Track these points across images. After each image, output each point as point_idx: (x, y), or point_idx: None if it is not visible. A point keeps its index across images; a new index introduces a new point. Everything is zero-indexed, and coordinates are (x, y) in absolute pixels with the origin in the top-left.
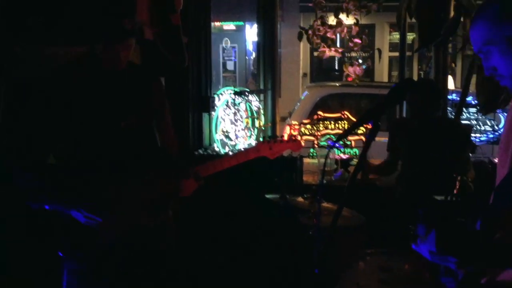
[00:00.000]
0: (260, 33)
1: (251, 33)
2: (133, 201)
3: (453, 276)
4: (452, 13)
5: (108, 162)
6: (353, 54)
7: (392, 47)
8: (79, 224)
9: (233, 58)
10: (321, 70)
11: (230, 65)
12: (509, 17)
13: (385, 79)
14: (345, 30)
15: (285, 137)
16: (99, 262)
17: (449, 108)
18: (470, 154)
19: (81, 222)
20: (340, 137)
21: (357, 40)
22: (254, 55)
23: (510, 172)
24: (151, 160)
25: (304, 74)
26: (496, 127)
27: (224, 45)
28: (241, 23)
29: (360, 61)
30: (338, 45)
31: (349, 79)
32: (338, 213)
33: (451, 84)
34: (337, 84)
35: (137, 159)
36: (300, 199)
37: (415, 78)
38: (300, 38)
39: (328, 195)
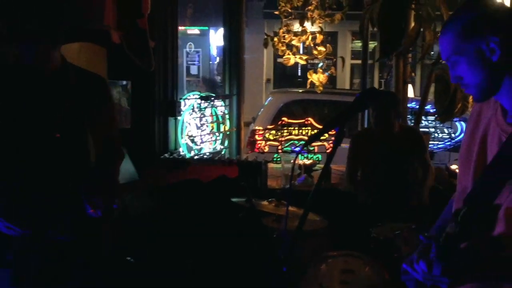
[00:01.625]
0: (226, 38)
1: (216, 38)
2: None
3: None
4: (412, 24)
5: (36, 171)
6: (317, 61)
7: (354, 54)
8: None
9: (196, 62)
10: (284, 76)
11: (193, 70)
12: (479, 30)
13: (347, 86)
14: (310, 38)
15: (242, 144)
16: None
17: (408, 116)
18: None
19: (3, 231)
20: (306, 143)
21: (322, 48)
22: (218, 59)
23: (477, 183)
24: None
25: (268, 80)
26: (453, 135)
27: (188, 49)
28: (205, 28)
29: (324, 68)
30: (302, 52)
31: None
32: (305, 216)
33: (410, 92)
34: (300, 91)
35: (62, 169)
36: (265, 202)
37: (376, 85)
38: (266, 44)
39: (292, 199)
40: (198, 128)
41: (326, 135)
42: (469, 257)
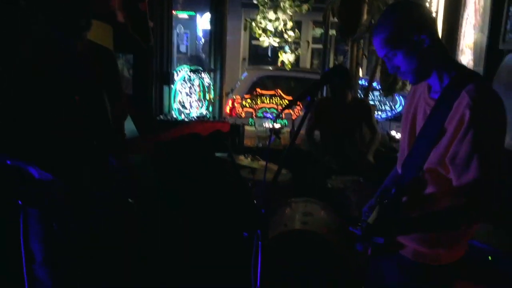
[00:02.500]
0: (212, 22)
1: (201, 22)
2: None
3: (359, 228)
4: (365, 16)
5: (63, 131)
6: (286, 44)
7: (314, 40)
8: (34, 178)
9: (185, 42)
10: (258, 56)
11: (183, 48)
12: (414, 24)
13: (308, 66)
14: (282, 23)
15: (227, 110)
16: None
17: (359, 91)
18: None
19: (36, 177)
20: (282, 109)
21: (291, 33)
22: (203, 40)
23: (411, 151)
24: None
25: (244, 59)
26: (393, 107)
27: (178, 30)
28: (193, 13)
29: (292, 50)
30: (274, 36)
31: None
32: (279, 171)
33: (361, 72)
34: (271, 68)
35: (86, 128)
36: (241, 157)
37: (332, 65)
38: (245, 28)
39: (263, 156)
40: (187, 95)
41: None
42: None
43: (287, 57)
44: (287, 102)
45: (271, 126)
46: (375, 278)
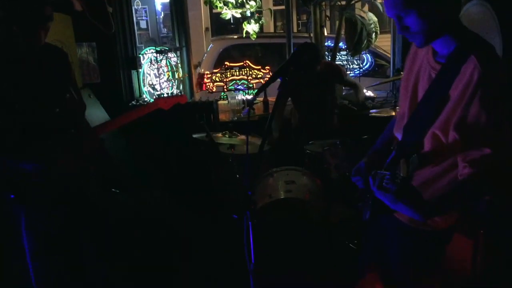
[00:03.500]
0: None
1: None
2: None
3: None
4: None
5: (46, 126)
6: (248, 14)
7: (275, 1)
8: (28, 171)
9: (144, 17)
10: (220, 25)
11: (143, 24)
12: None
13: (272, 30)
14: None
15: (194, 86)
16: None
17: (326, 53)
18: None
19: (29, 169)
20: (258, 91)
21: (253, 2)
22: (162, 14)
23: (413, 115)
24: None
25: (207, 29)
26: (361, 65)
27: (136, 6)
28: None
29: (255, 19)
30: (235, 6)
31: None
32: (263, 144)
33: (325, 32)
34: (235, 37)
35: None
36: (219, 135)
37: (295, 27)
38: (206, 3)
39: (240, 129)
40: (156, 77)
41: (261, 74)
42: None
43: (251, 27)
44: (256, 72)
45: (243, 98)
46: (374, 240)
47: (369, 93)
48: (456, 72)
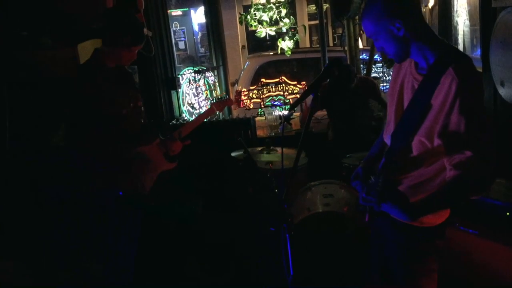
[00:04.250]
0: (207, 15)
1: (196, 16)
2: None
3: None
4: None
5: (127, 135)
6: (284, 30)
7: (310, 16)
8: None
9: (182, 38)
10: (256, 42)
11: (181, 45)
12: (386, 16)
13: (308, 44)
14: (276, 12)
15: (232, 101)
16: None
17: (362, 65)
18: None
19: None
20: (291, 106)
21: (287, 20)
22: (200, 34)
23: (399, 123)
24: (148, 132)
25: (243, 47)
26: None
27: (174, 28)
28: (186, 9)
29: (289, 36)
30: (270, 23)
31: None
32: (298, 156)
33: (361, 44)
34: (271, 53)
35: (142, 131)
36: (258, 149)
37: (331, 41)
38: (241, 22)
39: (277, 144)
40: (195, 96)
41: (297, 89)
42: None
43: (285, 44)
44: (292, 88)
45: (280, 113)
46: (376, 238)
47: None
48: (436, 83)
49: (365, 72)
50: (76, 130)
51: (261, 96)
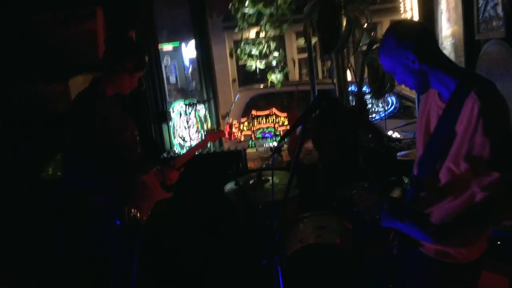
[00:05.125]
0: (198, 49)
1: (186, 50)
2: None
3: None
4: (344, 27)
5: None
6: (273, 63)
7: (299, 50)
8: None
9: (173, 72)
10: (246, 75)
11: (172, 79)
12: (399, 52)
13: (297, 78)
14: (266, 46)
15: (225, 133)
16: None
17: (350, 97)
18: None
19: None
20: (281, 138)
21: (276, 53)
22: (190, 68)
23: (424, 150)
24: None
25: (234, 80)
26: (386, 108)
27: (165, 63)
28: (177, 43)
29: (279, 69)
30: (259, 57)
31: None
32: (290, 183)
33: (349, 77)
34: (261, 86)
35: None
36: (251, 181)
37: (320, 73)
38: (231, 55)
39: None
40: (186, 129)
41: (287, 120)
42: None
43: (275, 77)
44: (283, 119)
45: (271, 145)
46: (403, 275)
47: (395, 135)
48: (459, 108)
49: (353, 103)
50: (79, 159)
51: (252, 128)
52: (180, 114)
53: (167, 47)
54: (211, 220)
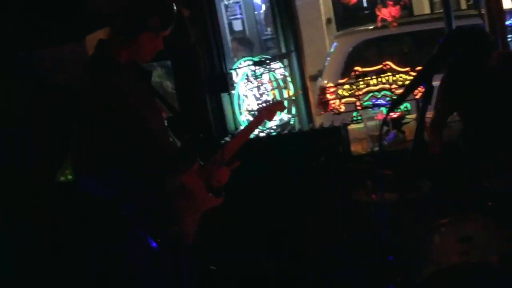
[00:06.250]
0: None
1: None
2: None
3: None
4: None
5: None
6: None
7: None
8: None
9: (238, 15)
10: (348, 12)
11: (237, 25)
12: None
13: (427, 10)
14: None
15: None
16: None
17: (509, 36)
18: None
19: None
20: (392, 106)
21: None
22: (263, 7)
23: None
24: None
25: (328, 20)
26: None
27: (226, 1)
28: None
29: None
30: None
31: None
32: (407, 183)
33: (507, 3)
34: (371, 27)
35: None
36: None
37: (462, 2)
38: None
39: (384, 162)
40: (257, 99)
41: (410, 78)
42: None
43: (387, 11)
44: (403, 77)
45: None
46: None
47: None
48: None
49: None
50: (94, 158)
51: (356, 93)
52: (248, 78)
53: None
54: (293, 237)
